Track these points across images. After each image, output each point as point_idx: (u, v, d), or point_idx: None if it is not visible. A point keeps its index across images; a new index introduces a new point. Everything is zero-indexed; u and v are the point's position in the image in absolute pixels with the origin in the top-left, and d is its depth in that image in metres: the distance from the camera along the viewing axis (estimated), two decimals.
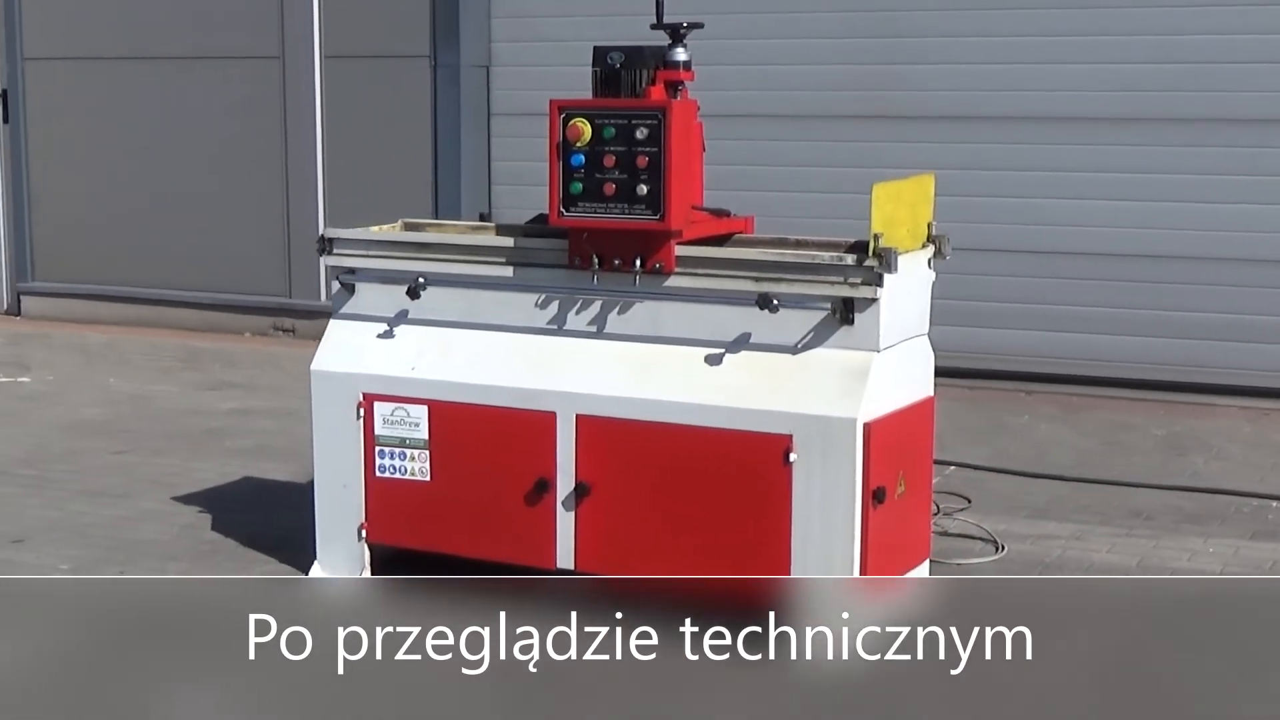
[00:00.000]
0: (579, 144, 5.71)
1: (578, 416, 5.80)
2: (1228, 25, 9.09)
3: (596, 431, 5.78)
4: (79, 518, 7.13)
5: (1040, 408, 9.18)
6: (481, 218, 6.61)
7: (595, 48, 5.99)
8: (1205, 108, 9.19)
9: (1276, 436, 8.46)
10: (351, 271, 6.24)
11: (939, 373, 9.40)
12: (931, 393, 5.91)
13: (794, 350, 5.57)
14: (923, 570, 5.94)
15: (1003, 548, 6.67)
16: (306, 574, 6.31)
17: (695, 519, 5.66)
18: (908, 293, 5.65)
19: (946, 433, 8.46)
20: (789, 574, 5.53)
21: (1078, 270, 9.51)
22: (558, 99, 5.85)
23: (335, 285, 6.29)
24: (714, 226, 5.96)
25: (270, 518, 7.01)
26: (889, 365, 5.56)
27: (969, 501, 7.31)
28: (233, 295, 11.46)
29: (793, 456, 5.48)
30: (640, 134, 5.64)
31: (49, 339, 11.31)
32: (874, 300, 5.45)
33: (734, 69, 10.17)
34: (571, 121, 5.73)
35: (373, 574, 6.22)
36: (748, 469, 5.56)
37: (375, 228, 6.45)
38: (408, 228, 6.56)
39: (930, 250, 5.81)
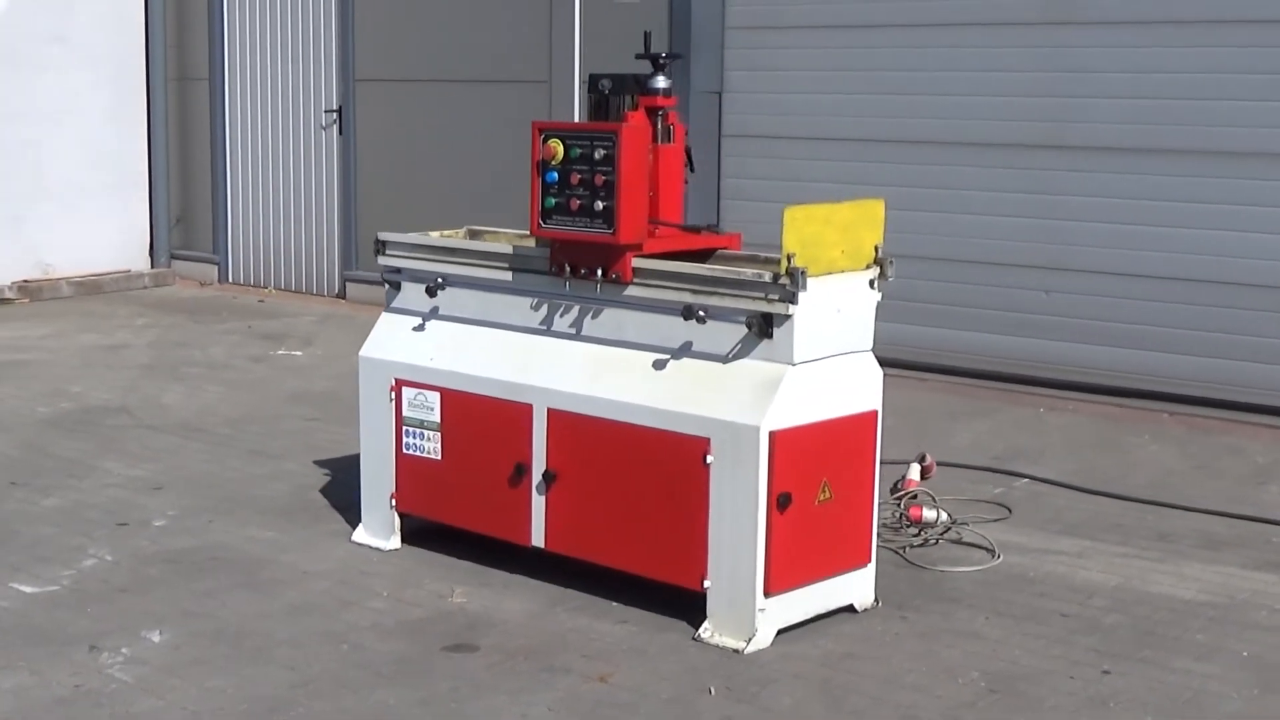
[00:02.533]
0: (553, 162, 5.59)
1: (549, 410, 5.70)
2: None
3: (563, 424, 5.67)
4: (224, 473, 7.40)
5: (1171, 429, 8.47)
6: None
7: (590, 75, 5.87)
8: None
9: None
10: (398, 271, 6.28)
11: (1092, 389, 8.99)
12: (875, 407, 5.54)
13: (724, 360, 5.34)
14: (859, 574, 5.57)
15: (998, 558, 6.20)
16: (351, 536, 6.39)
17: (636, 511, 5.50)
18: (836, 310, 5.31)
19: (1055, 446, 7.99)
20: (706, 569, 5.30)
21: (1235, 299, 8.70)
22: (539, 121, 5.73)
23: (385, 284, 6.33)
24: (686, 241, 5.76)
25: None
26: (809, 378, 5.25)
27: (1009, 512, 6.83)
28: None
29: (710, 459, 5.26)
30: (598, 155, 5.50)
31: (352, 320, 11.73)
32: (788, 316, 5.16)
33: (913, 99, 9.78)
34: (548, 142, 5.61)
35: (403, 541, 6.25)
36: (675, 469, 5.37)
37: (434, 233, 6.47)
38: (470, 234, 6.57)
39: (873, 272, 5.44)
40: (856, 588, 5.58)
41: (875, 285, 5.47)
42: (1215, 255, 8.80)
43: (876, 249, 5.46)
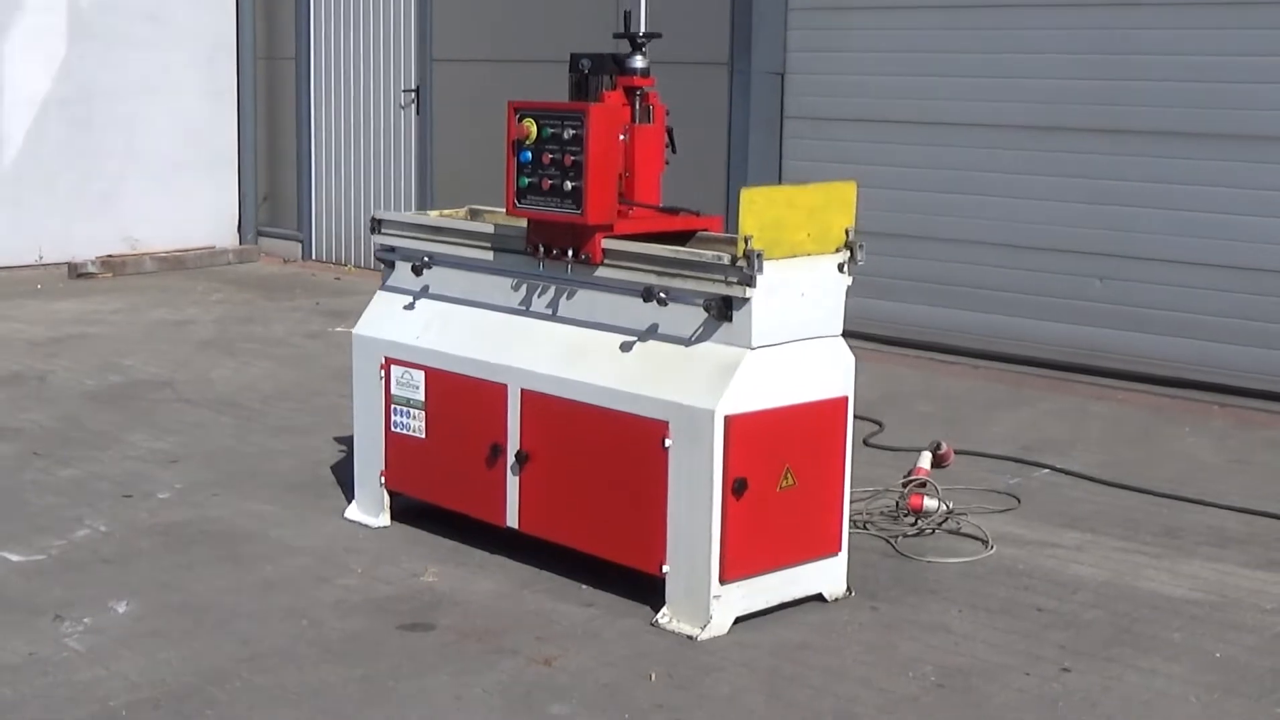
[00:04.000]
0: (527, 142, 5.54)
1: (522, 391, 5.66)
2: None
3: (535, 405, 5.63)
4: (245, 447, 7.47)
5: (1214, 421, 8.21)
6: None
7: (571, 54, 5.80)
8: None
9: None
10: (391, 250, 6.28)
11: (1144, 379, 8.74)
12: (846, 393, 5.41)
13: (686, 342, 5.26)
14: (828, 564, 5.46)
15: (991, 548, 6.05)
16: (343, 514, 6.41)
17: (601, 494, 5.44)
18: (800, 294, 5.20)
19: (1089, 436, 7.81)
20: (665, 554, 5.23)
21: None
22: (515, 100, 5.67)
23: (380, 262, 6.34)
24: (661, 223, 5.68)
25: None
26: (769, 363, 5.15)
27: (1018, 502, 6.66)
28: None
29: (668, 442, 5.19)
30: (568, 135, 5.44)
31: None
32: (746, 299, 5.06)
33: (974, 81, 9.57)
34: (522, 121, 5.56)
35: (392, 518, 6.26)
36: (637, 451, 5.31)
37: (434, 212, 6.46)
38: (471, 213, 6.54)
39: (842, 255, 5.32)
40: (826, 577, 5.47)
41: (845, 269, 5.34)
42: (1273, 243, 8.51)
43: (847, 232, 5.33)
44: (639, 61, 5.62)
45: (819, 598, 5.48)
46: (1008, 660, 5.00)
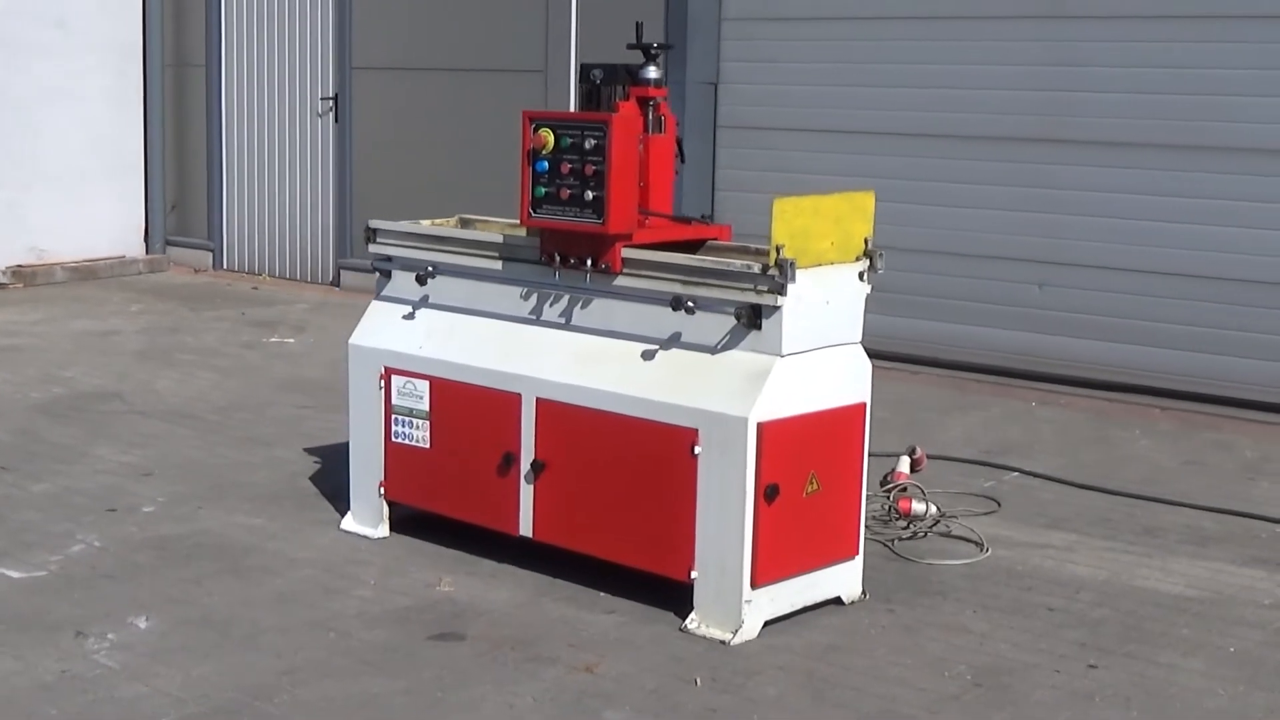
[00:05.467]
0: (544, 152, 5.57)
1: (537, 399, 5.68)
2: None
3: (551, 414, 5.65)
4: (214, 460, 7.38)
5: (1159, 423, 8.46)
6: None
7: (581, 65, 5.85)
8: None
9: None
10: (388, 259, 6.26)
11: (1084, 383, 8.97)
12: (863, 399, 5.51)
13: (713, 350, 5.32)
14: (846, 567, 5.56)
15: (986, 551, 6.19)
16: (340, 525, 6.37)
17: (623, 501, 5.48)
18: (824, 302, 5.29)
19: (1045, 440, 7.99)
20: (693, 560, 5.28)
21: (1225, 295, 8.69)
22: (529, 110, 5.70)
23: (376, 272, 6.31)
24: (676, 232, 5.75)
25: None
26: (797, 370, 5.23)
27: (999, 505, 6.82)
28: None
29: (697, 450, 5.24)
30: (589, 145, 5.48)
31: (344, 307, 11.69)
32: (777, 307, 5.14)
33: (909, 91, 9.76)
34: (538, 131, 5.58)
35: (391, 529, 6.24)
36: (663, 459, 5.35)
37: (425, 221, 6.45)
38: (461, 222, 6.54)
39: (864, 264, 5.42)
40: (844, 580, 5.57)
41: (865, 277, 5.44)
42: (1210, 250, 8.80)
43: (866, 241, 5.44)
44: (652, 72, 5.67)
45: (836, 601, 5.57)
46: (1033, 659, 5.13)
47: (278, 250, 13.09)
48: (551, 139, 5.55)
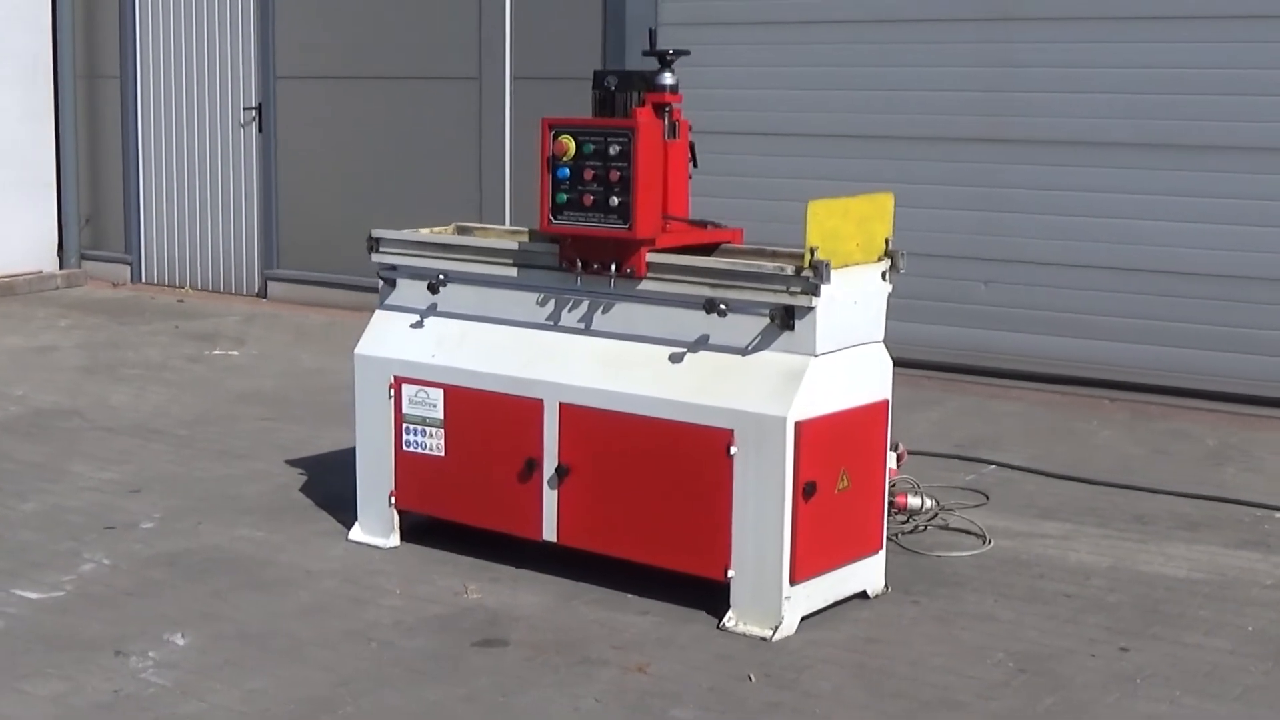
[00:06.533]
0: (564, 158, 5.60)
1: (560, 404, 5.70)
2: None
3: (576, 418, 5.68)
4: (196, 474, 7.29)
5: (1114, 415, 8.68)
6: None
7: (595, 72, 5.89)
8: None
9: None
10: (393, 268, 6.24)
11: (1033, 378, 9.19)
12: (886, 396, 5.62)
13: (743, 352, 5.38)
14: (871, 561, 5.66)
15: (989, 542, 6.32)
16: (348, 534, 6.34)
17: (655, 502, 5.52)
18: (853, 303, 5.39)
19: (1011, 433, 8.17)
20: (729, 559, 5.35)
21: (1169, 288, 8.95)
22: (549, 117, 5.73)
23: (380, 280, 6.29)
24: (694, 236, 5.80)
25: (351, 483, 7.01)
26: (829, 369, 5.32)
27: (987, 498, 6.96)
28: None
29: (733, 450, 5.30)
30: (613, 150, 5.52)
31: (277, 319, 11.63)
32: (811, 308, 5.22)
33: (851, 94, 9.91)
34: (559, 138, 5.61)
35: (401, 538, 6.22)
36: (696, 460, 5.40)
37: (424, 229, 6.44)
38: (459, 230, 6.54)
39: (885, 264, 5.53)
40: (869, 574, 5.67)
41: (886, 277, 5.55)
42: (1149, 245, 9.04)
43: (887, 241, 5.54)
44: (668, 78, 5.72)
45: (862, 595, 5.66)
46: (1066, 644, 5.26)
47: (200, 263, 12.91)
48: (573, 145, 5.59)
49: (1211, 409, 8.65)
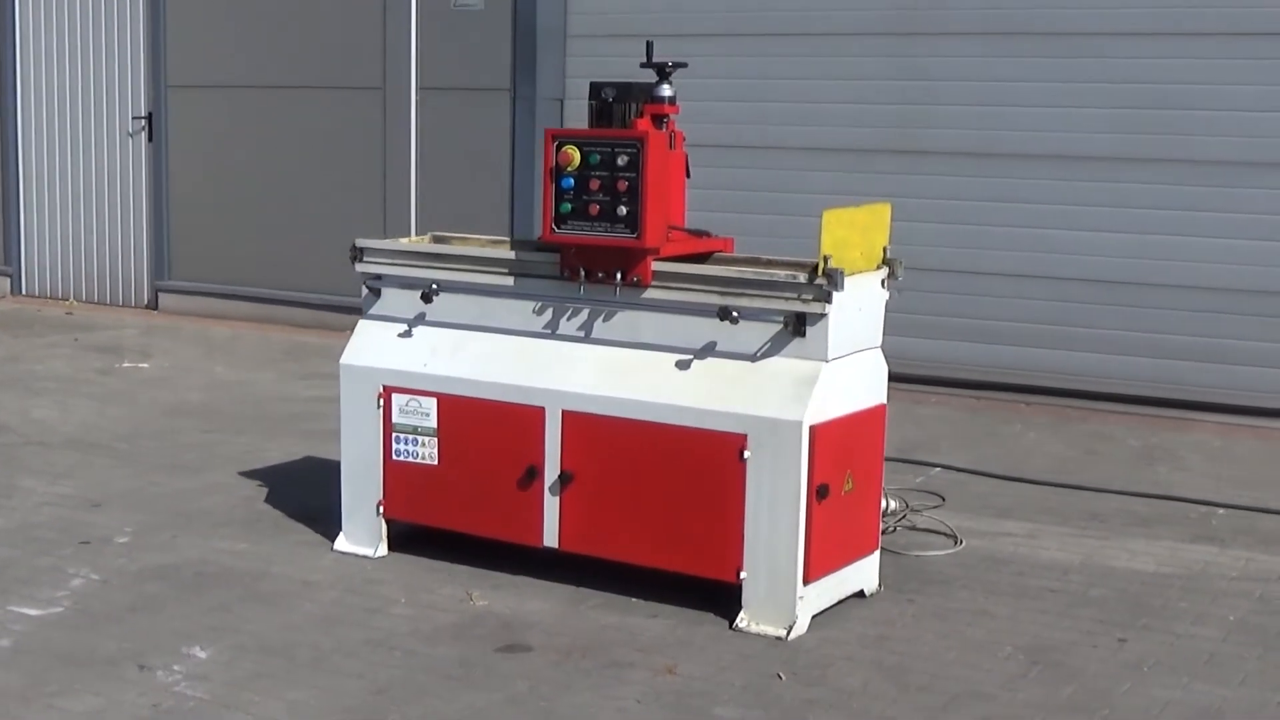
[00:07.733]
0: (569, 169, 5.66)
1: (563, 412, 5.75)
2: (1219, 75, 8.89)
3: (579, 426, 5.73)
4: (153, 488, 7.19)
5: (1034, 418, 8.98)
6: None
7: (591, 83, 5.95)
8: (1192, 150, 8.98)
9: (1239, 450, 8.23)
10: (378, 277, 6.24)
11: (948, 383, 9.46)
12: (884, 400, 5.78)
13: (753, 358, 5.49)
14: (870, 561, 5.82)
15: (960, 542, 6.52)
16: (332, 544, 6.31)
17: (662, 507, 5.60)
18: (858, 309, 5.54)
19: (943, 437, 8.38)
20: (741, 561, 5.45)
21: (1076, 294, 9.31)
22: (552, 128, 5.78)
23: (365, 289, 6.27)
24: (693, 245, 5.89)
25: (316, 493, 7.00)
26: (838, 374, 5.46)
27: (943, 500, 7.17)
28: (339, 296, 11.48)
29: (747, 454, 5.41)
30: (621, 161, 5.59)
31: (177, 331, 11.45)
32: (823, 315, 5.36)
33: (760, 105, 10.11)
34: (563, 148, 5.67)
35: (389, 547, 6.22)
36: (708, 464, 5.49)
37: (404, 239, 6.45)
38: (435, 240, 6.55)
39: (884, 272, 5.69)
40: (867, 573, 5.82)
41: (885, 285, 5.71)
42: (1052, 252, 9.40)
43: (885, 250, 5.71)
44: (667, 90, 5.81)
45: (859, 594, 5.81)
46: (1066, 637, 5.46)
47: (86, 274, 12.66)
48: (578, 156, 5.65)
49: (1127, 412, 8.99)
